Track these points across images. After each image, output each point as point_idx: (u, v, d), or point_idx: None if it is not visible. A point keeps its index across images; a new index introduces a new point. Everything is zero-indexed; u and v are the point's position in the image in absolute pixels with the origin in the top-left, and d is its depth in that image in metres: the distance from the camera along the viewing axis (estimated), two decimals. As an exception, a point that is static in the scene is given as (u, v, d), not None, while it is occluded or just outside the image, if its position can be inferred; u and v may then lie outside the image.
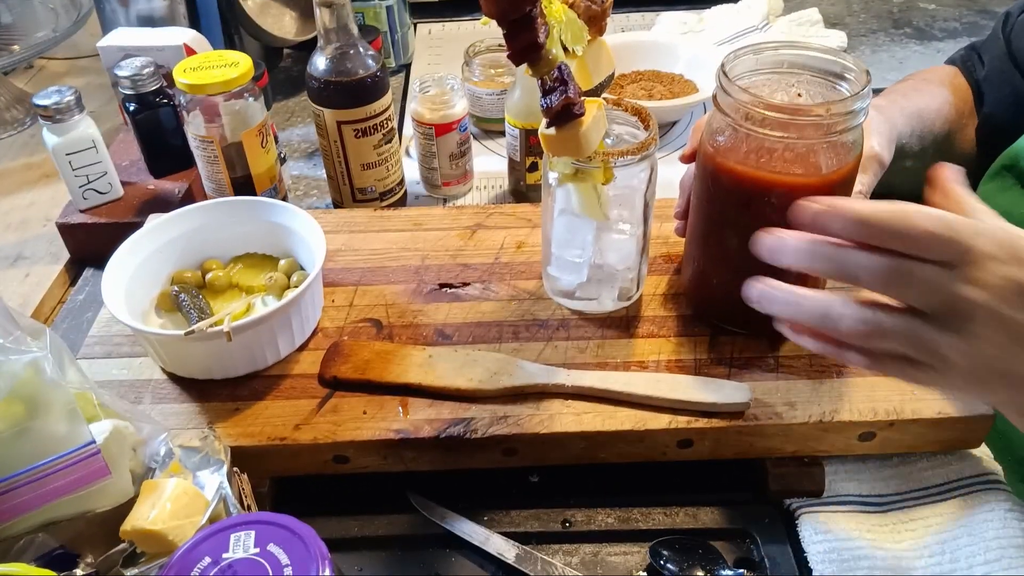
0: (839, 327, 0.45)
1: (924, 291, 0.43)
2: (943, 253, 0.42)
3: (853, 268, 0.44)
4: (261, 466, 0.58)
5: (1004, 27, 0.78)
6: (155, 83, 0.84)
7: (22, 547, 0.46)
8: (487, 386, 0.59)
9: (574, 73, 0.54)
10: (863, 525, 0.56)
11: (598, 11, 0.55)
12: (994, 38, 0.79)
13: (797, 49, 0.56)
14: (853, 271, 0.44)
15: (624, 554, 0.56)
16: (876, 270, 0.43)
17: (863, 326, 0.44)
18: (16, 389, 0.45)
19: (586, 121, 0.52)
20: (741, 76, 0.55)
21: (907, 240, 0.42)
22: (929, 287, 0.42)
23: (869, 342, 0.45)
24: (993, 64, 0.78)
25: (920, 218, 0.42)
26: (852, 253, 0.44)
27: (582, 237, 0.62)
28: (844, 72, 0.54)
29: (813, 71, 0.56)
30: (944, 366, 0.43)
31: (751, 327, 0.62)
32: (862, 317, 0.44)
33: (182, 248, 0.69)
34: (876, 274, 0.43)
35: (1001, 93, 0.77)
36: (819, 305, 0.45)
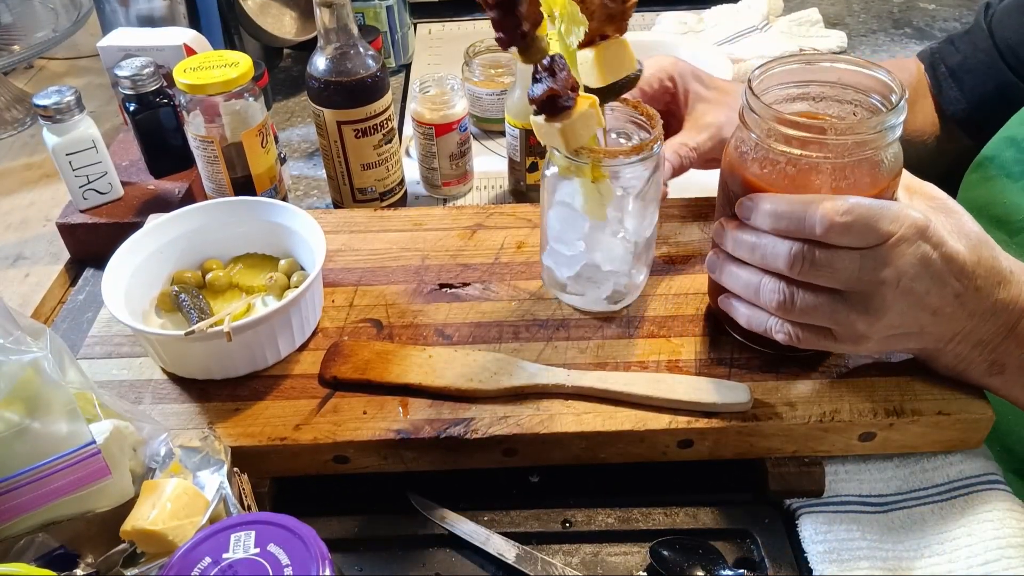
0: (763, 299, 0.51)
1: (836, 275, 0.48)
2: (853, 240, 0.47)
3: (771, 257, 0.50)
4: (261, 466, 0.58)
5: (985, 17, 0.78)
6: (155, 83, 0.84)
7: (22, 547, 0.46)
8: (487, 386, 0.59)
9: (590, 69, 0.54)
10: (863, 525, 0.56)
11: (618, 10, 0.54)
12: (977, 28, 0.79)
13: (828, 62, 0.55)
14: (771, 260, 0.50)
15: (624, 554, 0.56)
16: (789, 258, 0.48)
17: (781, 300, 0.50)
18: (16, 389, 0.45)
19: (573, 115, 0.52)
20: (768, 90, 0.54)
21: (817, 230, 0.47)
22: (841, 272, 0.48)
23: (790, 316, 0.51)
24: (977, 56, 0.78)
25: (828, 210, 0.46)
26: (769, 243, 0.50)
27: (574, 232, 0.62)
28: (878, 88, 0.53)
29: (844, 86, 0.55)
30: (858, 338, 0.50)
31: (772, 344, 0.57)
32: (781, 294, 0.50)
33: (182, 248, 0.69)
34: (789, 262, 0.49)
35: (985, 84, 0.77)
36: (751, 278, 0.52)
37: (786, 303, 0.50)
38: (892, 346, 0.53)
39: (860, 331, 0.50)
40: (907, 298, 0.48)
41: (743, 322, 0.55)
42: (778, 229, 0.49)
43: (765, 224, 0.50)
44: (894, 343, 0.52)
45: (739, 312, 0.55)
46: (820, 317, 0.50)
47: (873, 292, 0.48)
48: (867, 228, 0.47)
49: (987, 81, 0.77)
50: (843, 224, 0.46)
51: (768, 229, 0.50)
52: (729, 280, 0.54)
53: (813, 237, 0.47)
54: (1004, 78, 0.75)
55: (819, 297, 0.49)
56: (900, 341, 0.52)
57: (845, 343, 0.51)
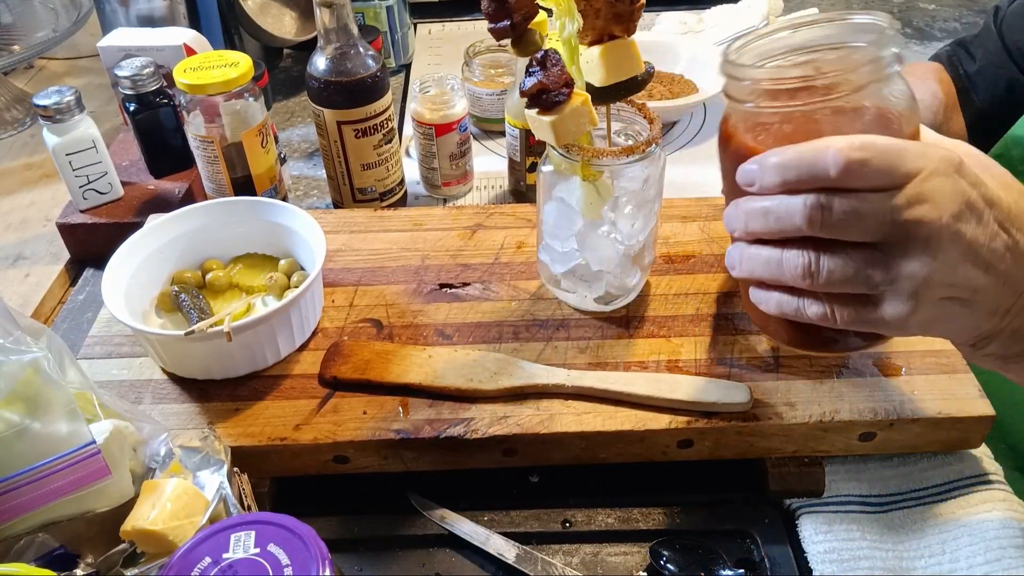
0: (787, 273, 0.43)
1: (864, 223, 0.40)
2: (875, 179, 0.40)
3: (786, 217, 0.42)
4: (261, 466, 0.58)
5: (995, 20, 0.79)
6: (155, 83, 0.84)
7: (22, 547, 0.46)
8: (487, 386, 0.59)
9: (595, 67, 0.54)
10: (863, 525, 0.56)
11: (626, 10, 0.54)
12: (987, 32, 0.80)
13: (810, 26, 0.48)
14: (787, 220, 0.42)
15: (624, 554, 0.56)
16: (806, 212, 0.41)
17: (806, 265, 0.42)
18: (16, 389, 0.45)
19: (564, 110, 0.52)
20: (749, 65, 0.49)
21: (832, 172, 0.40)
22: (869, 218, 0.40)
23: (820, 285, 0.42)
24: (988, 58, 0.79)
25: (842, 146, 0.40)
26: (782, 201, 0.42)
27: (567, 229, 0.62)
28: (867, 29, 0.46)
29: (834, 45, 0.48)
30: (903, 305, 0.41)
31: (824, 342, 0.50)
32: (805, 258, 0.42)
33: (182, 248, 0.69)
34: (807, 215, 0.41)
35: (996, 86, 0.78)
36: (772, 253, 0.44)
37: (812, 268, 0.42)
38: (945, 323, 0.43)
39: (904, 291, 0.41)
40: (954, 245, 0.40)
41: (774, 308, 0.45)
42: (788, 183, 0.41)
43: (774, 181, 0.42)
44: (946, 316, 0.42)
45: (769, 301, 0.46)
46: (855, 280, 0.41)
47: (912, 237, 0.40)
48: (889, 164, 0.40)
49: (999, 83, 0.78)
50: (860, 160, 0.39)
51: (778, 186, 0.42)
52: (749, 265, 0.45)
53: (829, 183, 0.40)
54: (1014, 79, 0.76)
55: (850, 256, 0.41)
56: (952, 312, 0.42)
57: (889, 315, 0.42)
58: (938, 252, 0.40)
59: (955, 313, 0.42)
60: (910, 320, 0.42)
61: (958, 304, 0.42)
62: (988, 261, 0.41)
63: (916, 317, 0.41)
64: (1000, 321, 0.44)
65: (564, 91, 0.52)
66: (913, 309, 0.41)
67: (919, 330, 0.43)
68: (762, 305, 0.46)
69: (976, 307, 0.43)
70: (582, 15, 0.53)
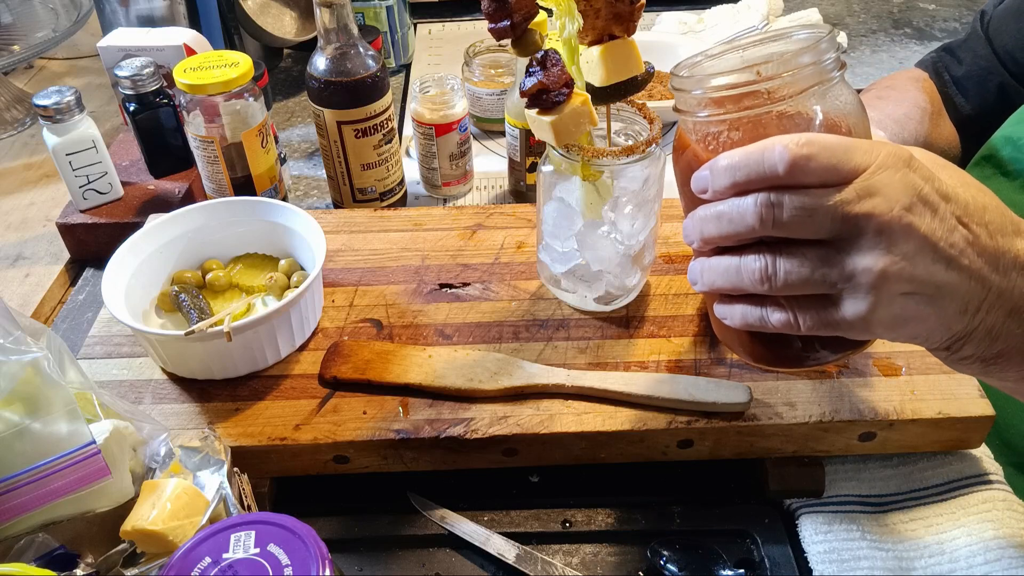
0: (745, 280, 0.42)
1: (815, 219, 0.40)
2: (823, 174, 0.40)
3: (738, 218, 0.42)
4: (261, 466, 0.58)
5: (982, 24, 0.80)
6: (155, 83, 0.84)
7: (22, 547, 0.46)
8: (487, 386, 0.59)
9: (595, 67, 0.54)
10: (863, 525, 0.56)
11: (626, 10, 0.55)
12: (974, 36, 0.81)
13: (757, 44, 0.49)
14: (739, 221, 0.42)
15: (624, 554, 0.56)
16: (756, 209, 0.41)
17: (763, 268, 0.42)
18: (16, 389, 0.45)
19: (564, 110, 0.52)
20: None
21: (780, 168, 0.40)
22: (819, 214, 0.40)
23: (778, 288, 0.42)
24: (976, 62, 0.79)
25: (787, 142, 0.40)
26: (733, 203, 0.42)
27: (567, 229, 0.62)
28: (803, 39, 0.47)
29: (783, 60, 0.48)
30: (863, 305, 0.40)
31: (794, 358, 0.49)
32: (761, 261, 0.42)
33: (182, 248, 0.69)
34: (758, 213, 0.41)
35: (986, 90, 0.79)
36: (730, 261, 0.43)
37: (769, 271, 0.41)
38: (913, 323, 0.42)
39: (862, 287, 0.40)
40: (909, 237, 0.39)
41: (739, 321, 0.45)
42: (739, 183, 0.41)
43: (724, 183, 0.42)
44: (913, 315, 0.41)
45: (733, 314, 0.46)
46: (811, 279, 0.41)
47: (864, 231, 0.39)
48: (836, 158, 0.40)
49: (988, 87, 0.78)
50: (807, 155, 0.39)
51: (729, 187, 0.42)
52: (709, 276, 0.45)
53: (778, 181, 0.40)
54: (1004, 82, 0.77)
55: (805, 256, 0.41)
56: (919, 311, 0.41)
57: (850, 314, 0.41)
58: (892, 245, 0.39)
59: (922, 313, 0.41)
60: (873, 319, 0.41)
61: (924, 302, 0.41)
62: (949, 256, 0.40)
63: (879, 315, 0.40)
64: (971, 320, 0.42)
65: (564, 91, 0.52)
66: (873, 306, 0.40)
67: (886, 331, 0.42)
68: (727, 319, 0.46)
69: (943, 305, 0.41)
70: (582, 15, 0.53)
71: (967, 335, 0.43)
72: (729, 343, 0.51)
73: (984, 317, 0.42)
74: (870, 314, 0.40)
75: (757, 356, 0.50)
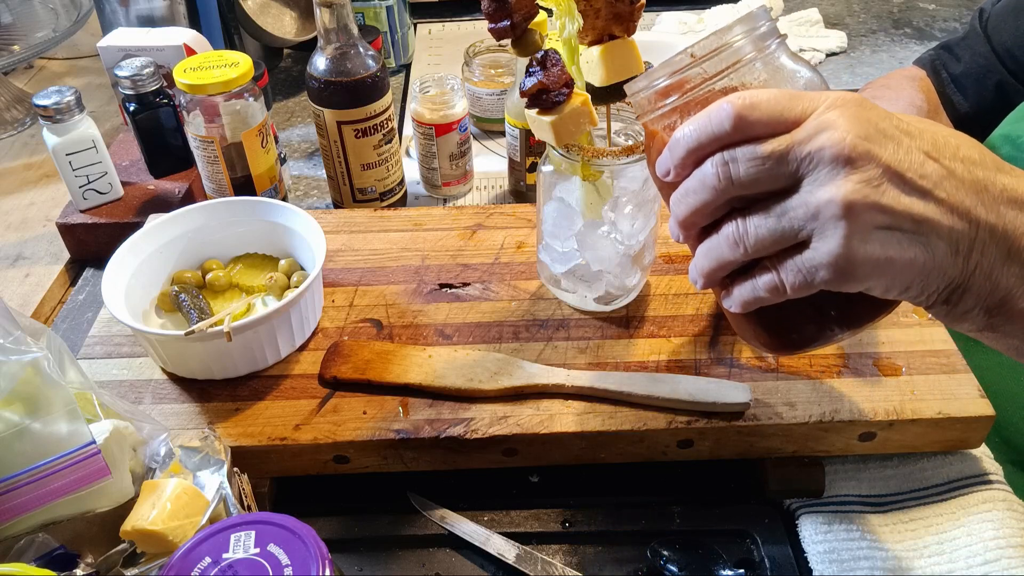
0: (726, 252, 0.42)
1: (770, 168, 0.39)
2: (769, 122, 0.39)
3: (699, 184, 0.42)
4: (261, 466, 0.58)
5: (980, 22, 0.80)
6: (155, 83, 0.84)
7: (22, 547, 0.46)
8: (487, 386, 0.59)
9: (595, 67, 0.54)
10: (863, 525, 0.56)
11: (626, 10, 0.55)
12: (973, 34, 0.81)
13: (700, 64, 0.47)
14: (702, 186, 0.41)
15: (624, 554, 0.56)
16: (714, 170, 0.41)
17: (736, 233, 0.41)
18: (16, 389, 0.45)
19: (564, 110, 0.52)
20: None
21: (727, 125, 0.40)
22: (772, 161, 0.39)
23: (753, 248, 0.41)
24: (975, 60, 0.80)
25: (730, 99, 0.40)
26: (697, 174, 0.42)
27: (567, 229, 0.62)
28: None
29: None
30: (826, 226, 0.38)
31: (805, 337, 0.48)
32: (734, 227, 0.41)
33: (182, 248, 0.69)
34: (716, 172, 0.40)
35: (984, 87, 0.79)
36: (712, 241, 0.43)
37: (739, 232, 0.41)
38: (901, 263, 0.39)
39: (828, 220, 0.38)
40: (869, 163, 0.38)
41: (739, 304, 0.44)
42: (692, 150, 0.42)
43: (681, 154, 0.42)
44: (898, 254, 0.38)
45: (733, 300, 0.44)
46: (780, 229, 0.40)
47: (820, 165, 0.38)
48: (780, 105, 0.39)
49: (987, 84, 0.78)
50: (750, 105, 0.39)
51: (686, 156, 0.42)
52: (700, 264, 0.44)
53: (729, 138, 0.40)
54: (1002, 80, 0.77)
55: (769, 209, 0.40)
56: (904, 250, 0.38)
57: (828, 253, 0.38)
58: (851, 172, 0.38)
59: (909, 254, 0.39)
60: (854, 259, 0.38)
61: (908, 241, 0.38)
62: (922, 188, 0.38)
63: (858, 254, 0.38)
64: (966, 263, 0.40)
65: (564, 91, 0.52)
66: (846, 241, 0.38)
67: (875, 277, 0.39)
68: (732, 307, 0.45)
69: (931, 244, 0.39)
70: (582, 15, 0.53)
71: (965, 282, 0.40)
72: (749, 338, 0.51)
73: (979, 259, 0.40)
74: (847, 252, 0.38)
75: (775, 344, 0.49)
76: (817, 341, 0.47)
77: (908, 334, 0.63)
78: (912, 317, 0.64)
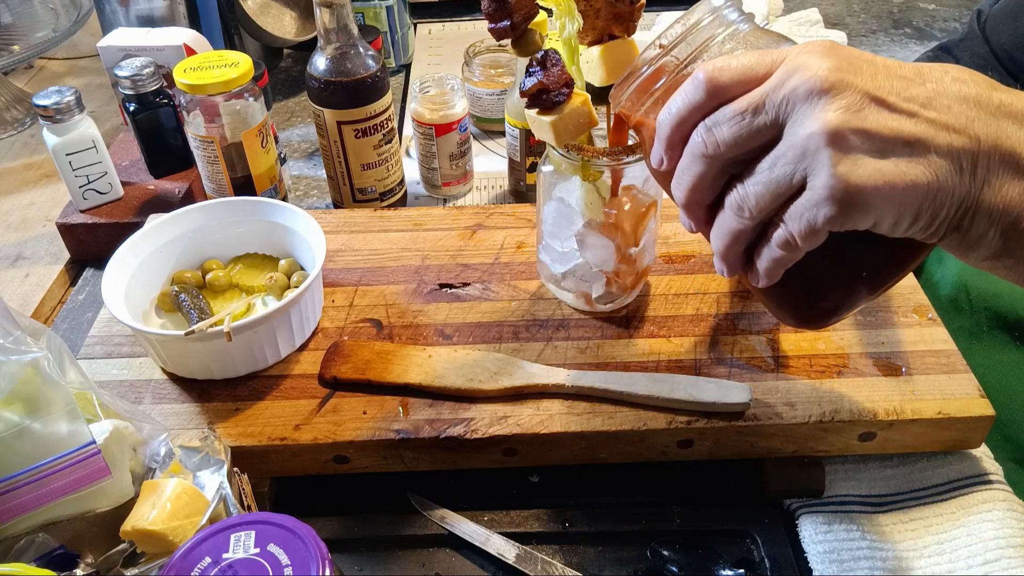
0: (736, 220, 0.41)
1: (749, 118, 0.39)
2: (743, 79, 0.40)
3: (691, 156, 0.41)
4: (261, 466, 0.58)
5: (979, 23, 0.80)
6: (155, 83, 0.84)
7: (22, 547, 0.46)
8: (487, 386, 0.59)
9: (595, 67, 0.54)
10: (863, 525, 0.56)
11: (626, 10, 0.55)
12: (971, 35, 0.81)
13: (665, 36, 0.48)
14: (695, 157, 0.41)
15: (624, 554, 0.56)
16: (701, 137, 0.40)
17: (738, 199, 0.41)
18: (16, 389, 0.45)
19: (564, 110, 0.52)
20: None
21: (703, 91, 0.40)
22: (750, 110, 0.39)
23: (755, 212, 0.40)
24: (974, 61, 0.80)
25: (702, 68, 0.41)
26: (687, 149, 0.42)
27: (567, 228, 0.62)
28: None
29: None
30: (816, 160, 0.37)
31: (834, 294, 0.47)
32: (735, 194, 0.41)
33: (182, 248, 0.69)
34: (703, 137, 0.40)
35: None
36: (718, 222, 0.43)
37: (740, 198, 0.40)
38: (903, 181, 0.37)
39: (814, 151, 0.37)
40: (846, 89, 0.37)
41: (764, 276, 0.43)
42: (676, 125, 0.42)
43: (667, 132, 0.42)
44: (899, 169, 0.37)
45: (758, 274, 0.43)
46: (773, 180, 0.39)
47: (796, 105, 0.38)
48: (748, 61, 0.40)
49: None
50: (720, 67, 0.40)
51: (672, 133, 0.42)
52: (716, 243, 0.43)
53: (707, 105, 0.41)
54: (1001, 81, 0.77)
55: (761, 164, 0.39)
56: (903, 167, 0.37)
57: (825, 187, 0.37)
58: (830, 101, 0.37)
59: (909, 175, 0.37)
60: (849, 184, 0.36)
61: (904, 161, 0.37)
62: (909, 110, 0.37)
63: (854, 179, 0.36)
64: (972, 179, 0.38)
65: (564, 91, 0.52)
66: (835, 167, 0.36)
67: (874, 199, 0.37)
68: (759, 281, 0.44)
69: (930, 162, 0.37)
70: (582, 15, 0.53)
71: (974, 202, 0.38)
72: (783, 316, 0.50)
73: (986, 175, 0.38)
74: (840, 180, 0.36)
75: (808, 316, 0.49)
76: (847, 305, 0.47)
77: (908, 334, 0.63)
78: (912, 317, 0.64)
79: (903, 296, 0.66)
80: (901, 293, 0.67)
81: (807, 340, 0.63)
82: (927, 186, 0.37)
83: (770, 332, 0.64)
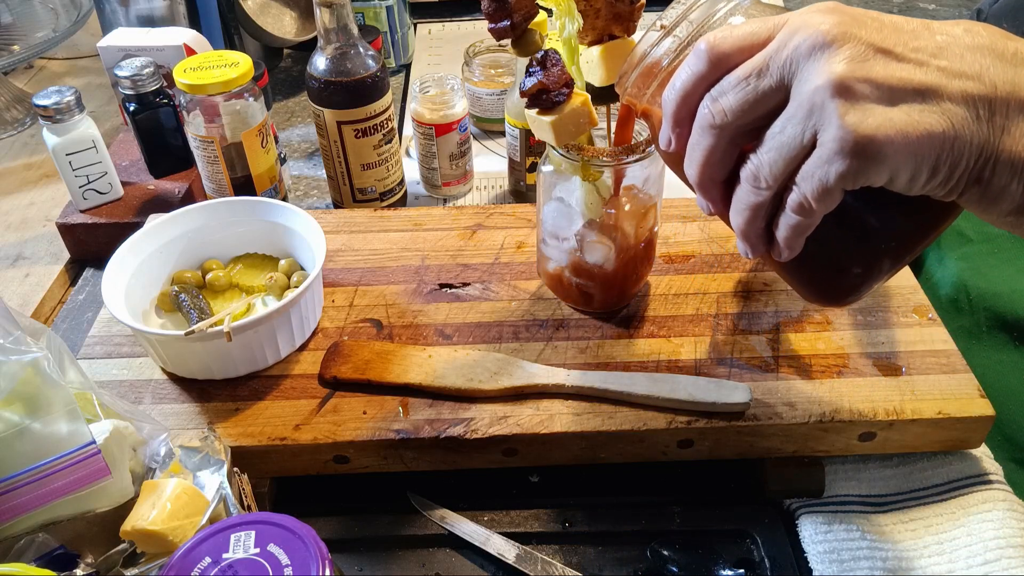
0: (751, 193, 0.40)
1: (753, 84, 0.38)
2: (745, 46, 0.39)
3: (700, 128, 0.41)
4: (261, 466, 0.58)
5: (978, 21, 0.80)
6: (155, 83, 0.84)
7: (22, 547, 0.46)
8: (487, 386, 0.59)
9: (595, 67, 0.54)
10: (863, 525, 0.56)
11: (626, 10, 0.55)
12: None
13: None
14: (702, 129, 0.40)
15: (624, 554, 0.56)
16: (709, 106, 0.40)
17: (752, 171, 0.40)
18: (16, 389, 0.45)
19: (564, 110, 0.53)
20: None
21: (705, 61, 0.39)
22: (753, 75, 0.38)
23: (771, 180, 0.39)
24: None
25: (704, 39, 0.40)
26: (696, 123, 0.41)
27: (567, 228, 0.62)
28: None
29: None
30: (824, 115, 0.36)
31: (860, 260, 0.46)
32: (748, 166, 0.40)
33: (182, 248, 0.69)
34: (710, 106, 0.39)
35: None
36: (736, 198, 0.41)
37: (754, 168, 0.39)
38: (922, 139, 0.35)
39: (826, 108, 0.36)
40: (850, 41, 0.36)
41: (785, 248, 0.41)
42: (682, 99, 0.41)
43: (673, 107, 0.42)
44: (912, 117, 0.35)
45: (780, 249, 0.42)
46: (785, 144, 0.38)
47: (800, 64, 0.36)
48: (749, 28, 0.39)
49: None
50: (721, 37, 0.39)
51: (678, 108, 0.42)
52: (735, 220, 0.42)
53: (710, 76, 0.40)
54: None
55: (771, 130, 0.39)
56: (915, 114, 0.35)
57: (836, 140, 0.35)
58: (834, 53, 0.36)
59: (923, 123, 0.35)
60: (860, 135, 0.35)
61: (917, 110, 0.35)
62: (918, 59, 0.36)
63: (864, 129, 0.35)
64: (990, 127, 0.36)
65: (564, 91, 0.52)
66: (844, 118, 0.35)
67: (888, 149, 0.35)
68: (782, 255, 0.42)
69: (945, 110, 0.35)
70: (582, 15, 0.53)
71: (994, 151, 0.36)
72: (808, 294, 0.49)
73: (1004, 122, 0.36)
74: (851, 132, 0.35)
75: (834, 291, 0.47)
76: (871, 278, 0.45)
77: (908, 334, 0.63)
78: (912, 317, 0.64)
79: (903, 296, 0.66)
80: (901, 293, 0.67)
81: (807, 340, 0.63)
82: (943, 134, 0.35)
83: (770, 332, 0.64)
